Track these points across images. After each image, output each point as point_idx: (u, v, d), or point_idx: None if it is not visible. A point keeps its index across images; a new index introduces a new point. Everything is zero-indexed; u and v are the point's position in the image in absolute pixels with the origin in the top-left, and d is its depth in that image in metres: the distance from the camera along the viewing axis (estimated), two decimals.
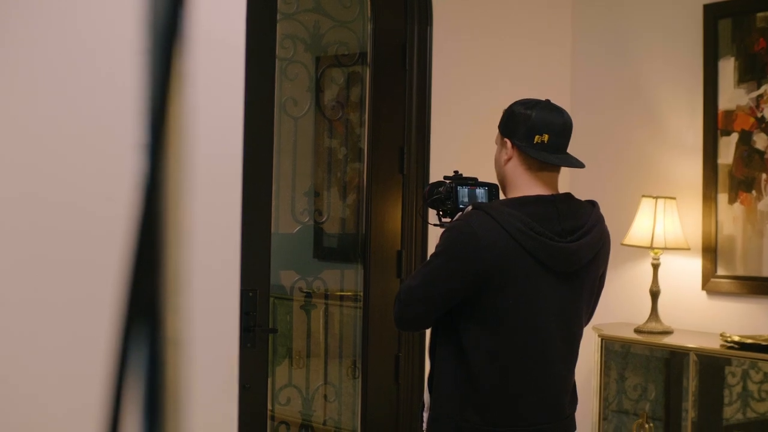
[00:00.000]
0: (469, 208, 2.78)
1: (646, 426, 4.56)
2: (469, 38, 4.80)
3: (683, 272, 4.80)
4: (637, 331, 4.67)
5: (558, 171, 2.81)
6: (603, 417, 4.72)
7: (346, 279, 4.53)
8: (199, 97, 2.40)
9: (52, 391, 2.28)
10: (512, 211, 2.66)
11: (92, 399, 1.57)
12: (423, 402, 2.90)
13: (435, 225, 3.00)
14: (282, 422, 4.38)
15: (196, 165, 2.37)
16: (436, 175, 3.18)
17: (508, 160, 2.77)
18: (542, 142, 2.70)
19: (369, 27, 4.47)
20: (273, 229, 3.96)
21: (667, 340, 4.57)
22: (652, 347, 4.62)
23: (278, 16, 4.02)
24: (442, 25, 4.61)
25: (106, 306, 1.70)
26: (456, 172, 3.03)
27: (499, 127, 2.82)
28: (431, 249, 3.05)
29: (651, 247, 4.63)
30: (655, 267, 4.67)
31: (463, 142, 4.63)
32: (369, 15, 4.48)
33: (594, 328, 4.68)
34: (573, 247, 2.69)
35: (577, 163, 2.78)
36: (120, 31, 2.28)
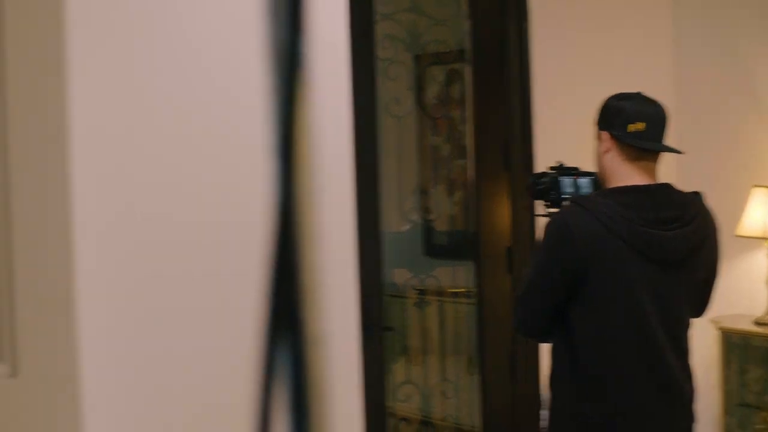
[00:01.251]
0: (567, 203, 2.82)
1: None
2: (568, 31, 4.77)
3: None
4: (757, 322, 4.57)
5: (655, 161, 2.80)
6: (726, 411, 4.63)
7: (458, 275, 4.54)
8: (315, 105, 2.45)
9: (205, 392, 2.37)
10: (605, 200, 2.69)
11: (242, 401, 1.62)
12: (543, 400, 2.92)
13: (542, 216, 3.02)
14: (402, 419, 4.41)
15: (322, 168, 2.41)
16: (542, 169, 3.19)
17: (606, 152, 2.79)
18: (638, 130, 2.72)
19: (467, 24, 4.48)
20: (383, 229, 3.99)
21: None
22: None
23: (377, 17, 4.06)
24: (540, 19, 4.59)
25: (249, 311, 1.76)
26: (559, 162, 3.05)
27: (596, 122, 2.85)
28: None
29: (765, 238, 4.53)
30: None
31: (567, 135, 4.60)
32: (466, 12, 4.48)
33: (712, 320, 4.60)
34: (669, 235, 2.68)
35: (673, 150, 2.80)
36: (245, 44, 2.34)
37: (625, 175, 2.76)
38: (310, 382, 0.83)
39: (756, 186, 4.63)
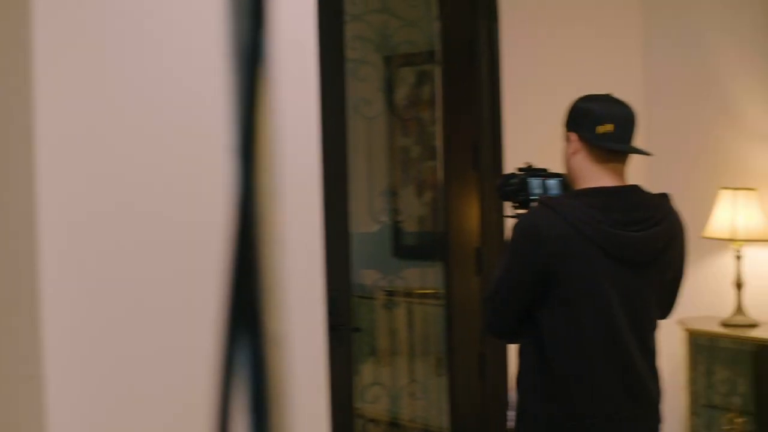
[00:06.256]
0: (535, 204, 2.82)
1: (738, 420, 4.49)
2: (538, 32, 4.78)
3: (767, 264, 4.73)
4: (723, 324, 4.60)
5: (624, 162, 2.80)
6: (692, 412, 4.66)
7: (427, 277, 4.54)
8: (278, 103, 2.44)
9: (163, 393, 2.34)
10: (573, 202, 2.69)
11: (201, 398, 1.61)
12: (511, 400, 2.92)
13: (510, 217, 3.02)
14: (370, 420, 4.41)
15: (283, 168, 2.40)
16: (511, 170, 3.20)
17: (575, 153, 2.79)
18: (606, 132, 2.72)
19: (437, 25, 4.48)
20: (352, 229, 3.99)
21: (754, 332, 4.50)
22: (740, 340, 4.55)
23: (346, 18, 4.05)
24: (509, 20, 4.60)
25: (210, 310, 1.74)
26: (528, 163, 3.05)
27: (564, 123, 2.85)
28: None
29: (732, 240, 4.57)
30: (738, 259, 4.60)
31: (536, 135, 4.62)
32: (436, 13, 4.48)
33: (679, 321, 4.63)
34: (637, 236, 2.68)
35: (642, 151, 2.80)
36: (207, 41, 2.33)
37: (594, 177, 2.77)
38: (270, 382, 0.82)
39: (723, 188, 4.66)
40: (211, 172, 2.28)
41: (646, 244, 2.71)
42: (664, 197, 2.83)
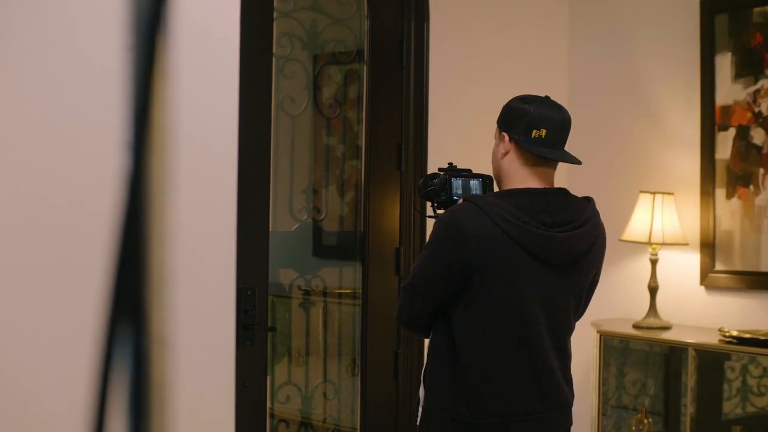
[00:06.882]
0: (460, 200, 2.80)
1: (645, 421, 4.55)
2: (466, 34, 4.79)
3: (681, 267, 4.80)
4: (636, 326, 4.67)
5: (554, 167, 2.81)
6: (602, 412, 4.71)
7: (345, 276, 4.52)
8: (190, 95, 2.40)
9: (36, 391, 2.27)
10: (499, 201, 2.68)
11: (77, 398, 1.57)
12: (418, 397, 2.90)
13: (430, 217, 3.02)
14: (282, 420, 4.37)
15: (186, 163, 2.37)
16: (433, 171, 3.20)
17: (505, 154, 2.79)
18: (540, 136, 2.72)
19: (366, 24, 4.47)
20: (271, 228, 3.95)
21: (666, 335, 4.57)
22: (651, 342, 4.62)
23: (275, 14, 4.02)
24: (438, 21, 4.61)
25: (91, 304, 1.70)
26: (450, 164, 3.05)
27: (498, 121, 2.84)
28: None
29: (649, 243, 4.63)
30: (654, 262, 4.67)
31: (460, 137, 4.63)
32: (366, 12, 4.47)
33: (593, 323, 4.68)
34: (561, 237, 2.69)
35: (573, 159, 2.80)
36: (103, 28, 2.27)
37: (522, 179, 2.77)
38: (152, 384, 0.79)
39: (642, 191, 4.72)
40: (102, 163, 2.22)
41: (571, 245, 2.72)
42: (588, 200, 2.84)
